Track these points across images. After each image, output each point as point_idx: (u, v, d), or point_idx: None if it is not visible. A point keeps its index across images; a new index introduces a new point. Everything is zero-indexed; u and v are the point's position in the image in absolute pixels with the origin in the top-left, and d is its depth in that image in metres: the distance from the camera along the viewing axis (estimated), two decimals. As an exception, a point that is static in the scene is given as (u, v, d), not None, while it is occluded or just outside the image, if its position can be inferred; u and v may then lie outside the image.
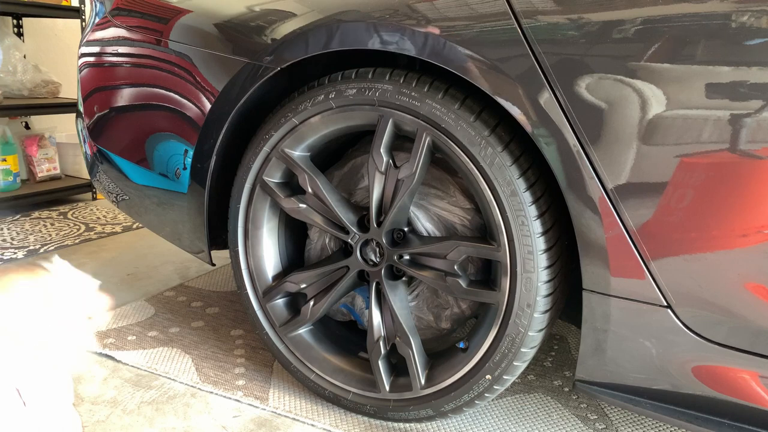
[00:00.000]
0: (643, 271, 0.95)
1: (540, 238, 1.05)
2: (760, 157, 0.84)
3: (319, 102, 1.19)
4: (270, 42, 1.22)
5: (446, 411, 1.22)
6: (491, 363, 1.14)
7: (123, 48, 1.53)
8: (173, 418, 1.32)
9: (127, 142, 1.59)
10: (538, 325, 1.09)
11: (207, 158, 1.35)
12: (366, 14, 1.10)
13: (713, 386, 0.98)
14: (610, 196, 0.94)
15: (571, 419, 1.35)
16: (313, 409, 1.37)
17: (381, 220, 1.21)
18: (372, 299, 1.26)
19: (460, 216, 1.24)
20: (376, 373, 1.27)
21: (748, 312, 0.91)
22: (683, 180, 0.89)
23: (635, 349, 1.01)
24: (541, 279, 1.06)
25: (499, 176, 1.05)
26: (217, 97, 1.30)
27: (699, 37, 0.85)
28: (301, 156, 1.26)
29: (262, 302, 1.38)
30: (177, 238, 1.58)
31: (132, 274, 2.21)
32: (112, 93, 1.56)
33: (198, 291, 2.05)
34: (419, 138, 1.12)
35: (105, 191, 1.76)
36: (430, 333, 1.34)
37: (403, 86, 1.11)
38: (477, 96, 1.07)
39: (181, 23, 1.38)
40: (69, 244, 2.55)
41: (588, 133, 0.93)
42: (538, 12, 0.94)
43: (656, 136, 0.89)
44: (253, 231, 1.36)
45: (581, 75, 0.92)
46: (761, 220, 0.87)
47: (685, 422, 1.00)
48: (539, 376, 1.54)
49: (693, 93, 0.86)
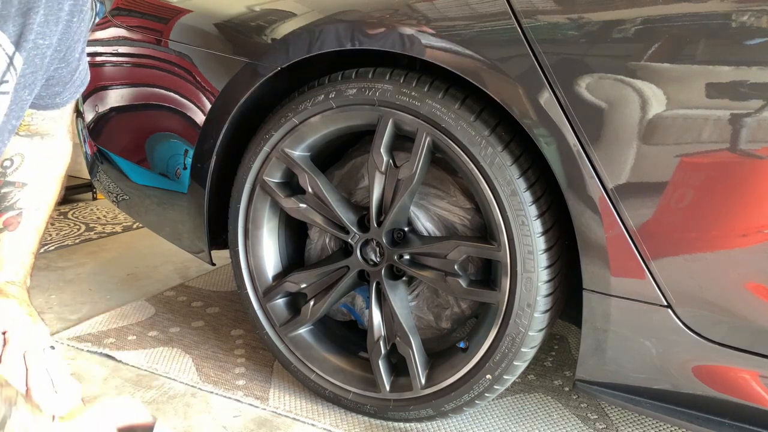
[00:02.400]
0: (644, 270, 0.95)
1: (540, 238, 1.05)
2: (760, 157, 0.85)
3: (319, 102, 1.19)
4: (270, 42, 1.22)
5: (446, 411, 1.22)
6: (491, 363, 1.14)
7: (123, 48, 1.53)
8: (174, 417, 1.31)
9: (127, 141, 1.59)
10: (539, 325, 1.09)
11: (207, 158, 1.35)
12: (366, 14, 1.10)
13: (713, 386, 0.98)
14: (610, 195, 0.94)
15: (572, 419, 1.35)
16: (314, 408, 1.37)
17: (381, 220, 1.21)
18: (372, 299, 1.26)
19: (460, 216, 1.24)
20: (377, 372, 1.27)
21: (748, 312, 0.91)
22: (683, 180, 0.89)
23: (635, 349, 1.01)
24: (542, 279, 1.06)
25: (500, 176, 1.05)
26: (217, 97, 1.30)
27: (699, 37, 0.85)
28: (302, 156, 1.26)
29: (262, 302, 1.38)
30: (177, 238, 1.58)
31: (132, 273, 2.21)
32: (112, 93, 1.56)
33: (198, 291, 2.05)
34: (419, 138, 1.12)
35: (105, 191, 1.76)
36: (431, 333, 1.34)
37: (404, 86, 1.11)
38: (477, 96, 1.07)
39: (181, 23, 1.38)
40: (69, 244, 2.55)
41: (588, 133, 0.93)
42: (538, 12, 0.94)
43: (656, 136, 0.89)
44: (254, 231, 1.36)
45: (581, 75, 0.92)
46: (761, 220, 0.87)
47: (686, 422, 1.00)
48: (539, 375, 1.54)
49: (693, 93, 0.86)
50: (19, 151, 0.89)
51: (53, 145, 0.93)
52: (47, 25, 0.73)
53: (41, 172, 0.92)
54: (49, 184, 0.94)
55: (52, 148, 0.93)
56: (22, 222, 0.90)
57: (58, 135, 0.94)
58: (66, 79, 0.85)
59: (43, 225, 0.94)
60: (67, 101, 0.89)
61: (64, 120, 0.93)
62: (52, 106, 0.87)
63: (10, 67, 0.70)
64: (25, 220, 0.90)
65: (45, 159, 0.93)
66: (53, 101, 0.86)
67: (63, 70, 0.82)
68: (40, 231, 0.93)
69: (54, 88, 0.84)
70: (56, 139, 0.94)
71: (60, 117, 0.92)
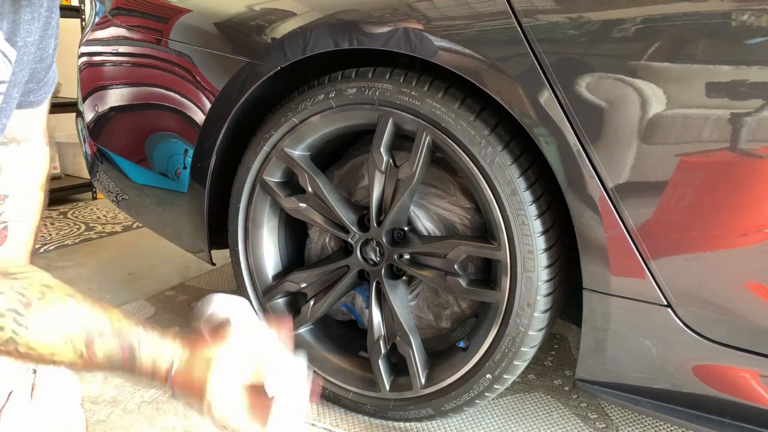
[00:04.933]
0: (644, 270, 0.95)
1: (540, 237, 1.05)
2: (760, 157, 0.84)
3: (319, 101, 1.19)
4: (270, 41, 1.22)
5: (446, 410, 1.22)
6: (491, 362, 1.14)
7: (123, 47, 1.53)
8: (174, 417, 1.31)
9: (127, 141, 1.59)
10: (539, 324, 1.09)
11: (207, 158, 1.35)
12: (366, 13, 1.10)
13: (713, 385, 0.98)
14: (610, 195, 0.94)
15: (572, 418, 1.35)
16: (314, 408, 1.37)
17: (381, 220, 1.21)
18: (372, 299, 1.26)
19: (460, 215, 1.23)
20: (377, 372, 1.27)
21: (748, 311, 0.91)
22: (683, 179, 0.89)
23: (635, 349, 1.01)
24: (542, 278, 1.06)
25: (500, 175, 1.05)
26: (217, 97, 1.30)
27: (699, 36, 0.85)
28: (301, 155, 1.26)
29: (262, 301, 1.38)
30: (177, 238, 1.58)
31: (132, 273, 2.21)
32: (112, 92, 1.56)
33: (198, 290, 2.05)
34: (419, 137, 1.12)
35: (105, 191, 1.76)
36: (431, 332, 1.34)
37: (403, 85, 1.11)
38: (477, 95, 1.07)
39: (181, 22, 1.38)
40: (69, 244, 2.55)
41: (588, 132, 0.93)
42: (538, 11, 0.94)
43: (656, 136, 0.89)
44: (254, 230, 1.36)
45: (581, 74, 0.92)
46: (761, 220, 0.87)
47: (686, 421, 1.00)
48: (539, 375, 1.54)
49: (693, 92, 0.86)
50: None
51: (30, 151, 0.92)
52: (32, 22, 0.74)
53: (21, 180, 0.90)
54: (31, 193, 0.92)
55: (30, 154, 0.92)
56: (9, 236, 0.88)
57: (35, 139, 0.92)
58: (40, 76, 0.84)
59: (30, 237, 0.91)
60: (41, 100, 0.88)
61: (39, 121, 0.92)
62: (27, 104, 0.86)
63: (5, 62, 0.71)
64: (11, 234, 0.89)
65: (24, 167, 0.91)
66: (27, 99, 0.85)
67: (39, 66, 0.82)
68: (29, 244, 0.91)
69: (29, 85, 0.83)
70: (33, 144, 0.92)
71: (35, 118, 0.90)
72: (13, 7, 0.70)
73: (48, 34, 0.80)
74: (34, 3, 0.73)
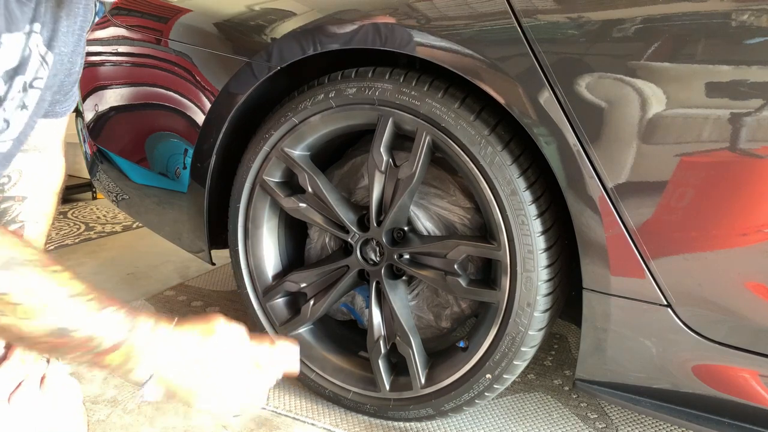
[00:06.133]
0: (643, 270, 0.95)
1: (540, 237, 1.05)
2: (760, 156, 0.84)
3: (319, 101, 1.19)
4: (270, 41, 1.22)
5: (446, 410, 1.22)
6: (491, 362, 1.14)
7: (123, 47, 1.53)
8: (174, 417, 1.31)
9: (127, 141, 1.59)
10: (538, 324, 1.09)
11: (207, 158, 1.35)
12: (366, 13, 1.10)
13: (713, 385, 0.98)
14: (610, 195, 0.94)
15: (571, 418, 1.35)
16: (314, 408, 1.37)
17: (381, 220, 1.21)
18: (372, 298, 1.26)
19: (460, 215, 1.23)
20: (377, 372, 1.27)
21: (748, 311, 0.91)
22: (683, 179, 0.89)
23: (635, 348, 1.01)
24: (541, 278, 1.06)
25: (499, 175, 1.05)
26: (216, 97, 1.30)
27: (699, 36, 0.85)
28: (301, 155, 1.26)
29: (262, 301, 1.38)
30: (177, 238, 1.58)
31: (132, 273, 2.21)
32: (112, 92, 1.56)
33: (198, 290, 2.05)
34: (419, 137, 1.12)
35: (105, 191, 1.76)
36: (430, 332, 1.34)
37: (403, 85, 1.11)
38: (477, 95, 1.07)
39: (181, 22, 1.38)
40: (69, 244, 2.55)
41: (588, 132, 0.93)
42: (538, 11, 0.94)
43: (656, 135, 0.89)
44: (253, 230, 1.36)
45: (581, 74, 0.92)
46: (761, 220, 0.87)
47: (685, 421, 1.00)
48: (539, 375, 1.54)
49: (693, 92, 0.86)
50: (17, 167, 0.91)
51: (49, 159, 0.97)
52: (67, 35, 0.80)
53: (39, 185, 0.95)
54: (47, 198, 0.97)
55: (48, 161, 0.97)
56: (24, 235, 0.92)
57: (53, 149, 0.97)
58: (67, 89, 0.90)
59: (42, 239, 0.96)
60: (65, 112, 0.94)
61: (59, 133, 0.97)
62: (52, 114, 0.91)
63: (43, 64, 0.76)
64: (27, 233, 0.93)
65: (42, 173, 0.96)
66: (53, 109, 0.90)
67: (67, 80, 0.87)
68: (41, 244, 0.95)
69: (56, 96, 0.88)
70: (51, 154, 0.97)
71: (56, 129, 0.95)
72: (53, 17, 0.75)
73: (77, 51, 0.86)
74: (70, 16, 0.79)
